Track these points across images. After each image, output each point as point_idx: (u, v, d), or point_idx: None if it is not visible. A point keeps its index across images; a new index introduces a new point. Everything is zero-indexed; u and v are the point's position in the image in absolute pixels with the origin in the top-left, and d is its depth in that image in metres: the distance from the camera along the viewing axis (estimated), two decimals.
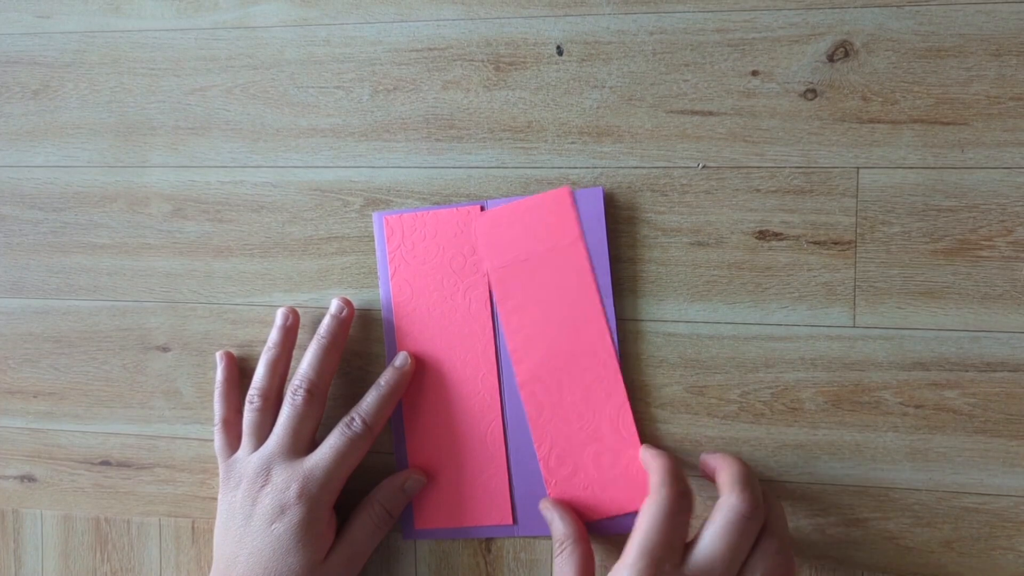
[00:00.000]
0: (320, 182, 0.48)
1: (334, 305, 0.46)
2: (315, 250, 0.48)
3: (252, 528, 0.42)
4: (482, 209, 0.45)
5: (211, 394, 0.50)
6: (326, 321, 0.46)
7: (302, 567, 0.41)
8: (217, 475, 0.50)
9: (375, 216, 0.46)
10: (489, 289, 0.45)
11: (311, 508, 0.42)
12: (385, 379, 0.45)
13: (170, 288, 0.50)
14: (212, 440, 0.50)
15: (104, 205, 0.50)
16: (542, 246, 0.44)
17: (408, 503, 0.46)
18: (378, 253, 0.47)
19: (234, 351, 0.49)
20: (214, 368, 0.49)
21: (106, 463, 0.51)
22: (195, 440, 0.50)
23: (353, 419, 0.44)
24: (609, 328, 0.44)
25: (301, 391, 0.44)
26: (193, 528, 0.51)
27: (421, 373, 0.46)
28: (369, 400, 0.44)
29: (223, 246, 0.49)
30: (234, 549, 0.42)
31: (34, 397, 0.52)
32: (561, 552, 0.42)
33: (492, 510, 0.46)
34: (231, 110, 0.48)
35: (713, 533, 0.37)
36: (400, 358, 0.45)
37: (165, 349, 0.50)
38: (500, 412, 0.45)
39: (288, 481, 0.42)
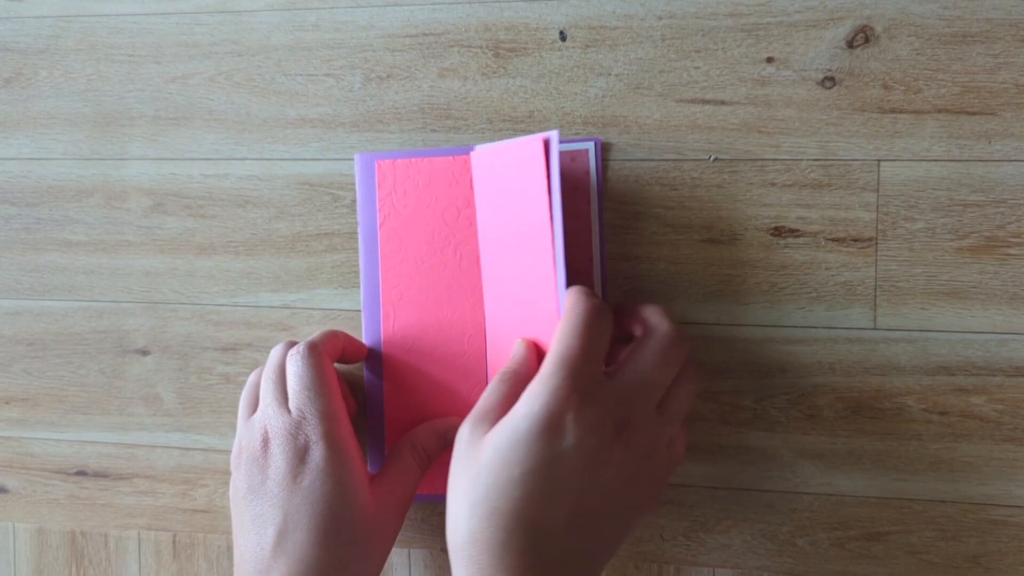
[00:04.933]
0: (309, 175, 0.45)
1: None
2: (303, 247, 0.46)
3: (270, 494, 0.38)
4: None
5: (193, 400, 0.47)
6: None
7: (352, 515, 0.38)
8: (200, 487, 0.48)
9: (359, 158, 0.43)
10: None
11: (329, 439, 0.38)
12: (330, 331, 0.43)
13: (150, 288, 0.47)
14: (194, 450, 0.48)
15: (80, 200, 0.48)
16: (513, 196, 0.40)
17: (444, 451, 0.42)
18: (360, 199, 0.44)
19: (218, 355, 0.47)
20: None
21: (82, 473, 0.49)
22: (176, 449, 0.48)
23: (296, 348, 0.41)
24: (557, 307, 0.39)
25: (281, 346, 0.42)
26: (174, 542, 0.48)
27: (404, 330, 0.43)
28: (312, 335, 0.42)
29: (206, 243, 0.47)
30: (249, 535, 0.38)
31: (6, 403, 0.49)
32: (501, 380, 0.38)
33: None
34: (214, 99, 0.46)
35: (642, 355, 0.36)
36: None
37: (145, 352, 0.48)
38: (486, 376, 0.43)
39: (290, 426, 0.38)
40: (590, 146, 0.42)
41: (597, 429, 0.35)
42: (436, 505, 0.45)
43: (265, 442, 0.39)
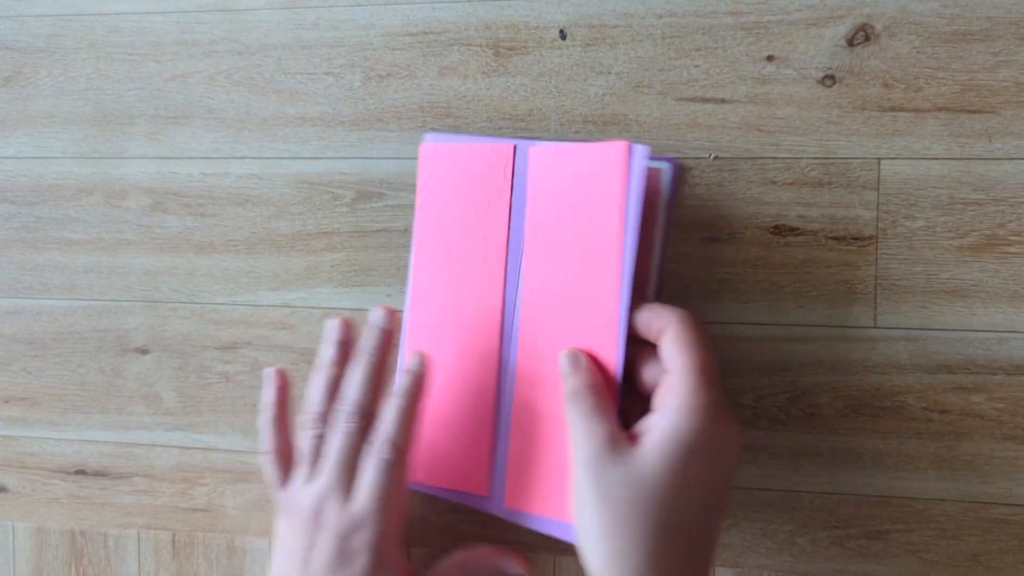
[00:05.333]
0: (308, 174, 0.45)
1: (377, 315, 0.41)
2: (303, 246, 0.46)
3: (313, 567, 0.38)
4: (515, 150, 0.41)
5: (192, 398, 0.47)
6: (372, 334, 0.41)
7: None
8: (199, 486, 0.48)
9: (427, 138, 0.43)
10: (508, 238, 0.41)
11: (377, 553, 0.38)
12: (403, 389, 0.39)
13: (149, 287, 0.47)
14: (194, 448, 0.47)
15: (80, 198, 0.48)
16: (579, 199, 0.39)
17: None
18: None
19: (218, 354, 0.47)
20: (260, 388, 0.45)
21: (82, 472, 0.49)
22: (176, 448, 0.48)
23: (382, 447, 0.39)
24: (619, 316, 0.38)
25: (354, 418, 0.39)
26: (173, 541, 0.48)
27: (428, 315, 0.42)
28: (390, 418, 0.39)
29: (206, 242, 0.46)
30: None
31: (5, 402, 0.49)
32: (576, 403, 0.36)
33: (468, 476, 0.42)
34: (214, 98, 0.46)
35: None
36: (415, 361, 0.40)
37: (144, 351, 0.48)
38: (496, 373, 0.41)
39: (347, 527, 0.38)
40: (664, 167, 0.41)
41: (736, 432, 0.36)
42: (436, 503, 0.45)
43: (317, 522, 0.38)
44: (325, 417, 0.40)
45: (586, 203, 0.38)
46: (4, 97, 0.48)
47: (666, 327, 0.36)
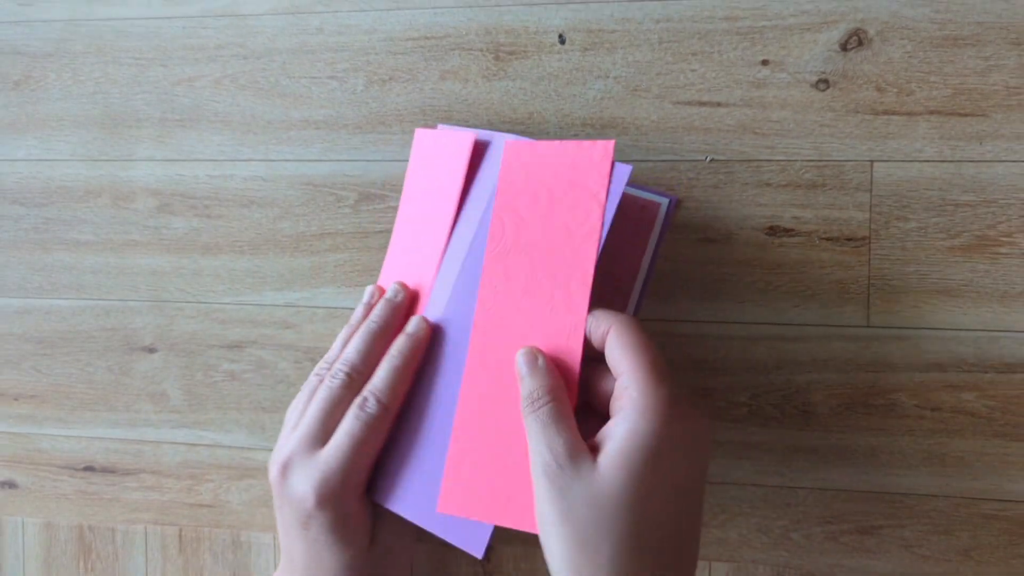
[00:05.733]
0: (312, 176, 0.46)
1: (392, 290, 0.41)
2: (307, 247, 0.46)
3: (286, 529, 0.39)
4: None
5: (199, 396, 0.48)
6: (382, 306, 0.40)
7: (347, 562, 0.38)
8: (206, 482, 0.48)
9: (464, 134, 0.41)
10: (452, 228, 0.41)
11: (336, 509, 0.37)
12: (398, 348, 0.39)
13: (156, 287, 0.48)
14: (200, 445, 0.48)
15: (88, 200, 0.48)
16: (558, 198, 0.37)
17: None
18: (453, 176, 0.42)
19: (224, 353, 0.48)
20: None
21: (90, 469, 0.49)
22: (182, 445, 0.48)
23: (366, 399, 0.38)
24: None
25: (341, 375, 0.38)
26: (180, 537, 0.49)
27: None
28: (381, 375, 0.38)
29: (211, 243, 0.47)
30: (284, 544, 0.40)
31: (15, 400, 0.50)
32: (534, 409, 0.34)
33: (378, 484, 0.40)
34: (220, 101, 0.47)
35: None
36: (413, 323, 0.39)
37: (151, 350, 0.48)
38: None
39: (305, 486, 0.37)
40: (663, 201, 0.41)
41: (702, 426, 0.34)
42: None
43: (283, 483, 0.38)
44: (360, 370, 0.39)
45: (562, 201, 0.37)
46: (14, 101, 0.49)
47: (608, 331, 0.34)
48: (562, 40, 0.43)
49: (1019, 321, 0.40)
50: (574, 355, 0.35)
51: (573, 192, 0.36)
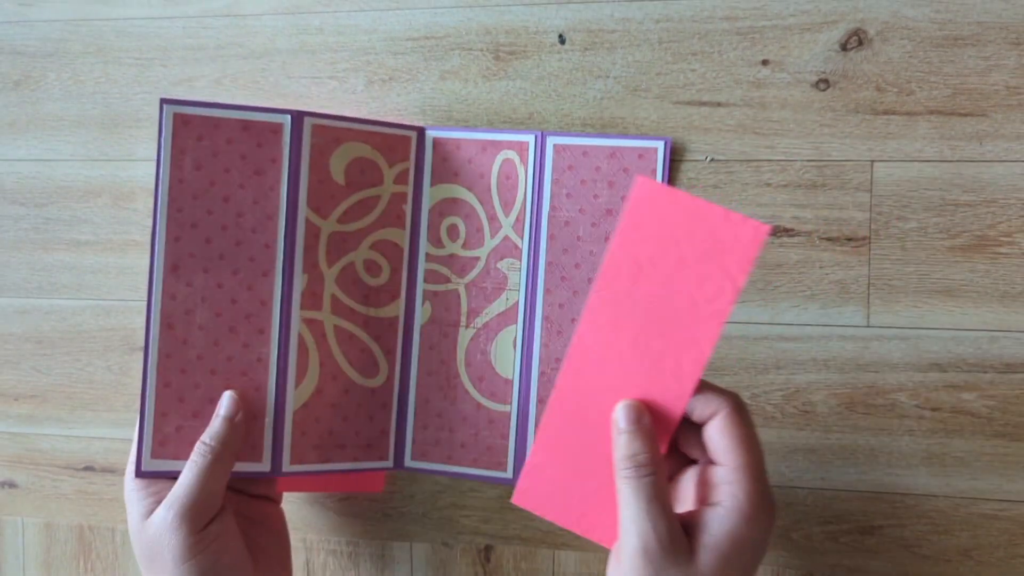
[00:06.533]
0: None
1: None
2: None
3: None
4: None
5: None
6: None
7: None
8: None
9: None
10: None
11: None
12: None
13: None
14: None
15: (88, 200, 0.48)
16: (689, 262, 0.34)
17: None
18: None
19: None
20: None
21: (90, 468, 0.50)
22: None
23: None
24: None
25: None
26: None
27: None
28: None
29: None
30: None
31: (15, 400, 0.50)
32: (638, 476, 0.34)
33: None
34: (221, 101, 0.47)
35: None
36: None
37: None
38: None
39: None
40: (659, 145, 0.41)
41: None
42: (437, 500, 0.46)
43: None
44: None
45: (692, 268, 0.34)
46: (14, 101, 0.49)
47: (715, 413, 0.34)
48: (562, 40, 0.43)
49: (1019, 321, 0.40)
50: (668, 424, 0.35)
51: (707, 263, 0.34)
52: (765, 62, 0.42)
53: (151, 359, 0.40)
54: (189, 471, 0.39)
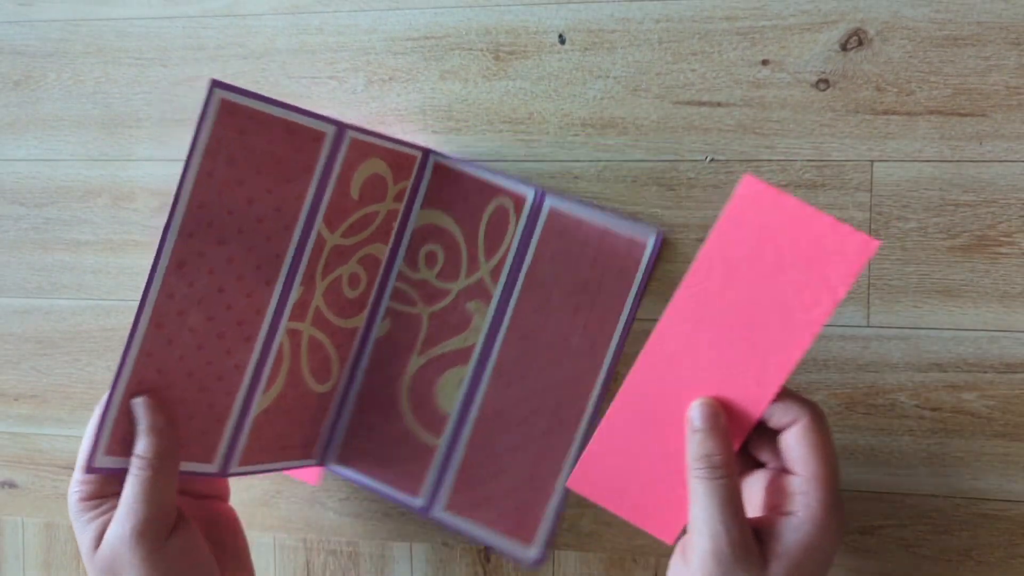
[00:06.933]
0: None
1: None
2: None
3: None
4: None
5: None
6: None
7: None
8: None
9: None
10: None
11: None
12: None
13: None
14: None
15: (88, 200, 0.49)
16: (786, 266, 0.34)
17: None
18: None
19: None
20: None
21: None
22: None
23: None
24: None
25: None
26: None
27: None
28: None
29: None
30: None
31: (15, 400, 0.50)
32: (712, 477, 0.33)
33: None
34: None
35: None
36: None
37: None
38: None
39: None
40: (649, 238, 0.42)
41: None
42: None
43: None
44: None
45: (788, 273, 0.34)
46: (14, 101, 0.49)
47: (795, 422, 0.34)
48: (562, 40, 0.43)
49: (1019, 321, 0.40)
50: (744, 427, 0.35)
51: (807, 270, 0.33)
52: (765, 62, 0.42)
53: (131, 356, 0.36)
54: (131, 485, 0.36)
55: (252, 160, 0.37)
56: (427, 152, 0.44)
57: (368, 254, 0.43)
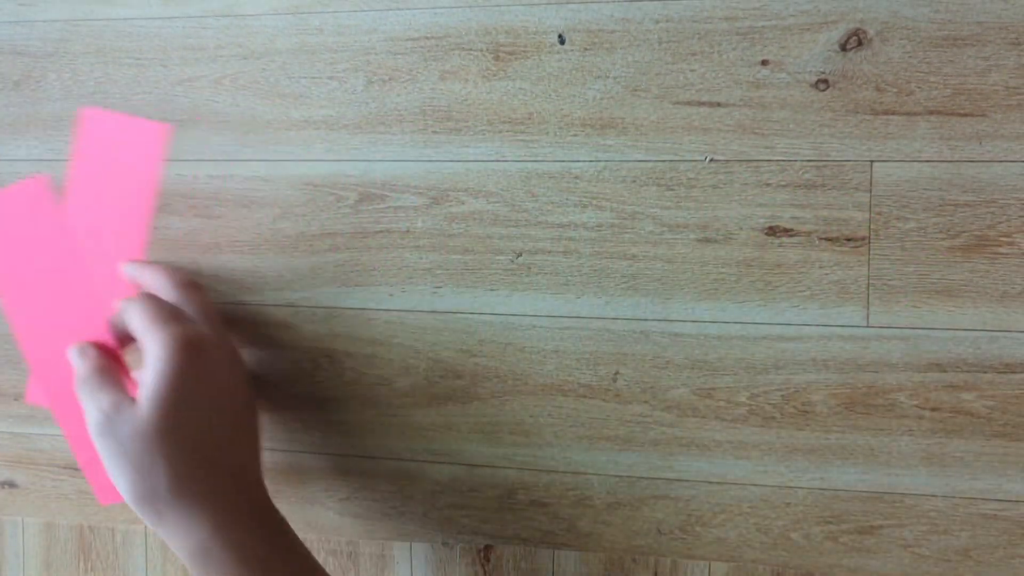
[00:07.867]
0: (313, 176, 0.46)
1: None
2: (307, 247, 0.46)
3: None
4: None
5: None
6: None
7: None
8: None
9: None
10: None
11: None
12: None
13: None
14: None
15: None
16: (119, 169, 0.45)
17: None
18: None
19: None
20: None
21: None
22: None
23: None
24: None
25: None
26: None
27: None
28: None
29: (211, 243, 0.47)
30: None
31: (15, 400, 0.50)
32: (83, 384, 0.42)
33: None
34: (220, 101, 0.47)
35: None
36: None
37: None
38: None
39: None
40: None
41: (221, 353, 0.44)
42: (436, 500, 0.46)
43: None
44: None
45: (122, 173, 0.44)
46: (14, 100, 0.49)
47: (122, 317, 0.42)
48: (562, 40, 0.43)
49: (1019, 321, 0.40)
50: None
51: (132, 165, 0.44)
52: (764, 62, 0.42)
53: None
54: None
55: None
56: None
57: None
